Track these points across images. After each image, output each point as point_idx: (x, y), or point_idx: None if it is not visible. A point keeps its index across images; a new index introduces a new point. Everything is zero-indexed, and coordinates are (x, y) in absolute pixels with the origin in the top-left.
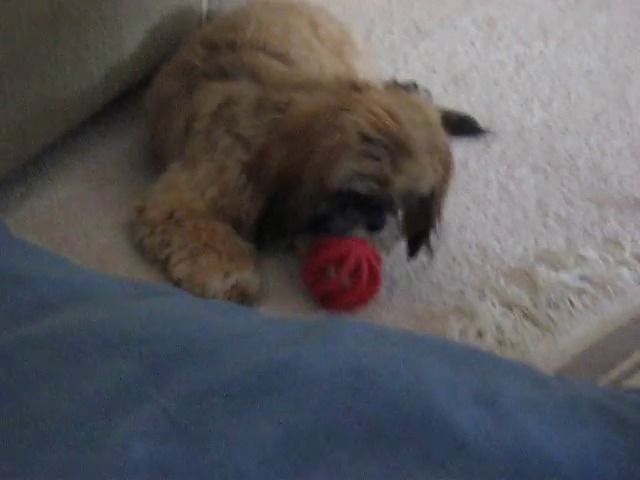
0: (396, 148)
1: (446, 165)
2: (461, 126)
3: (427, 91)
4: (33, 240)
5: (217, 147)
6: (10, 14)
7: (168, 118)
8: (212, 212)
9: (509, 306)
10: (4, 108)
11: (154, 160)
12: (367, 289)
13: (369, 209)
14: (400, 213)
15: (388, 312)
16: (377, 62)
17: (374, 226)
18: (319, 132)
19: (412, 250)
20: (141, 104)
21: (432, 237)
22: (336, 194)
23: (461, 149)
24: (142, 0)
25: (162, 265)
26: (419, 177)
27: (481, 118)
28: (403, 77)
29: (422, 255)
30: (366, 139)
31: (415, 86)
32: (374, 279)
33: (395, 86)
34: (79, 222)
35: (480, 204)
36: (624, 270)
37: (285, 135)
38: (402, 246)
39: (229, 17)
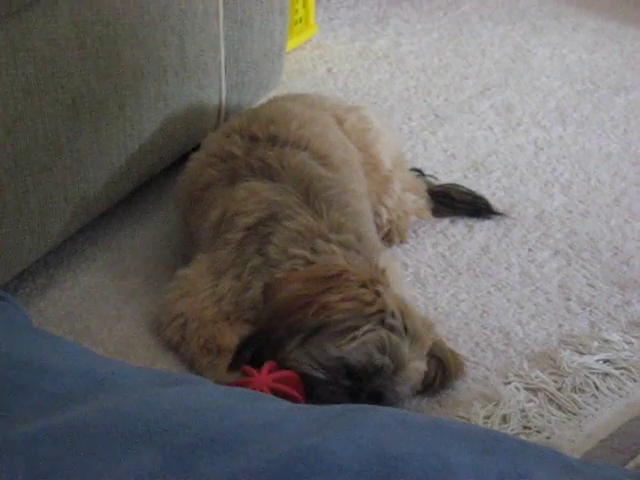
0: (412, 336)
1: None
2: (474, 206)
3: (434, 177)
4: (55, 330)
5: (246, 266)
6: (32, 106)
7: (205, 205)
8: (221, 318)
9: (534, 391)
10: (25, 200)
11: (179, 248)
12: None
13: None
14: None
15: (411, 398)
16: (396, 134)
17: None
18: (343, 284)
19: None
20: (166, 193)
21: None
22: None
23: (482, 234)
24: (162, 90)
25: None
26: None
27: (501, 203)
28: (422, 163)
29: (445, 341)
30: (391, 315)
31: (422, 174)
32: None
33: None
34: (100, 312)
35: (502, 289)
36: None
37: (306, 276)
38: None
39: (264, 111)
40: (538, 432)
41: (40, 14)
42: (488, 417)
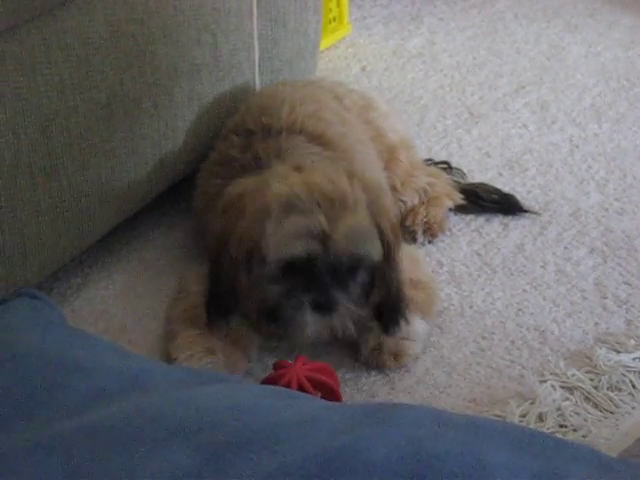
0: (330, 202)
1: (394, 231)
2: (502, 204)
3: (460, 170)
4: (90, 329)
5: None
6: (66, 105)
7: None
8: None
9: (570, 389)
10: (61, 198)
11: None
12: None
13: (314, 287)
14: (354, 287)
15: (447, 397)
16: (403, 120)
17: (321, 305)
18: (248, 201)
19: (384, 325)
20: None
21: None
22: (277, 270)
23: (517, 232)
24: (196, 89)
25: None
26: (361, 232)
27: (536, 201)
28: (457, 162)
29: (481, 340)
30: (295, 197)
31: (449, 166)
32: None
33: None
34: (135, 312)
35: (537, 287)
36: None
37: (222, 209)
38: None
39: (255, 101)
40: (574, 431)
41: (74, 13)
42: (524, 415)
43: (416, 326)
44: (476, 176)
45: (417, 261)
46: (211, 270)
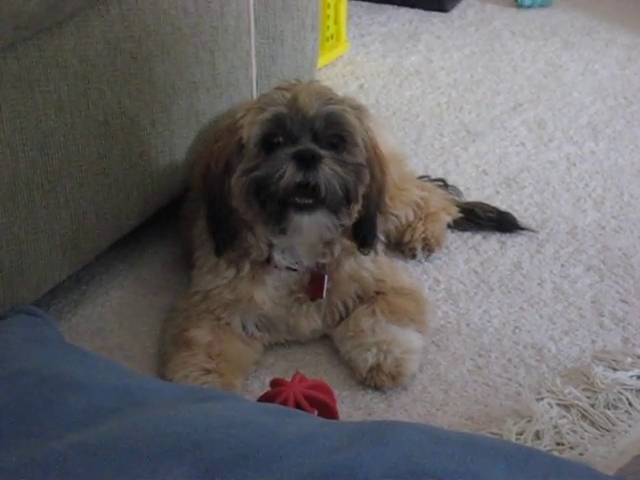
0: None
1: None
2: (499, 223)
3: (456, 188)
4: (87, 346)
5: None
6: (64, 123)
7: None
8: (198, 312)
9: (567, 407)
10: (58, 215)
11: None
12: None
13: (295, 144)
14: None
15: (444, 414)
16: (393, 133)
17: (304, 155)
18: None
19: (360, 241)
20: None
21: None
22: (257, 150)
23: (514, 250)
24: (193, 106)
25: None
26: (335, 108)
27: (533, 218)
28: (454, 179)
29: (477, 357)
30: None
31: (445, 184)
32: None
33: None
34: (132, 328)
35: (535, 304)
36: None
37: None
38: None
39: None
40: (571, 448)
41: (72, 31)
42: (521, 433)
43: (412, 339)
44: (473, 194)
45: (396, 269)
46: (205, 200)
